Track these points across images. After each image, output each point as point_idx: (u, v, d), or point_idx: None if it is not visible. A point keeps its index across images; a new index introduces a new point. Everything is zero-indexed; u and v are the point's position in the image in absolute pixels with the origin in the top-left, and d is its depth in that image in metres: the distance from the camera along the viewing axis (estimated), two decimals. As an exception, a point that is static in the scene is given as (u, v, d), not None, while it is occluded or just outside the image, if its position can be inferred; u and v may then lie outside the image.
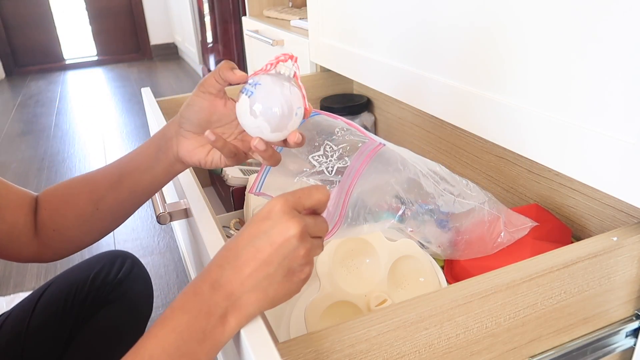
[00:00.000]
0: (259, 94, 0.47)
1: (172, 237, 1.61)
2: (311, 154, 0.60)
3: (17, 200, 0.54)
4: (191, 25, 3.30)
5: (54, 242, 0.56)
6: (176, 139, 0.53)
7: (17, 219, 0.54)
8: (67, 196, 0.55)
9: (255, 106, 0.47)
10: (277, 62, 0.48)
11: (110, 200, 0.55)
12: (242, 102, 0.48)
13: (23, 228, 0.54)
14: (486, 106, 0.65)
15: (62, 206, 0.55)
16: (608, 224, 0.64)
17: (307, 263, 0.39)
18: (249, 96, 0.47)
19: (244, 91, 0.48)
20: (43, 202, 0.56)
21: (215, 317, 0.37)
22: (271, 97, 0.47)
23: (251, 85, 0.47)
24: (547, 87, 0.56)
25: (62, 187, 0.56)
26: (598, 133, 0.51)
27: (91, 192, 0.55)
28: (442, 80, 0.72)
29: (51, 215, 0.55)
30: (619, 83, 0.48)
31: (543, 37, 0.55)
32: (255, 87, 0.47)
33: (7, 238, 0.53)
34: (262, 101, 0.47)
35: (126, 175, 0.55)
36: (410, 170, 0.57)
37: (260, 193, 0.57)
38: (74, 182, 0.56)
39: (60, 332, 0.73)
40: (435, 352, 0.45)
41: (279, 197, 0.39)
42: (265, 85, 0.47)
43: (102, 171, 0.56)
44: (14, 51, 3.98)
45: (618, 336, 0.56)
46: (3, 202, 0.53)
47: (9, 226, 0.53)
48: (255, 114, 0.47)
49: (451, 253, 0.64)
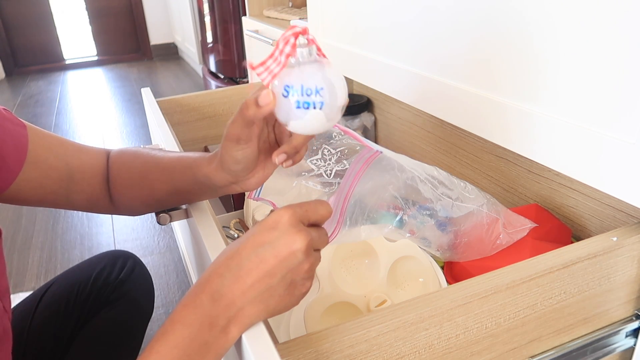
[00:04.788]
0: (300, 89, 0.40)
1: (172, 237, 1.61)
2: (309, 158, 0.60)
3: (91, 171, 0.56)
4: (191, 25, 3.30)
5: (129, 211, 0.60)
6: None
7: (94, 189, 0.57)
8: (141, 180, 0.56)
9: (303, 103, 0.41)
10: (292, 47, 0.40)
11: (184, 192, 0.54)
12: (285, 104, 0.41)
13: (100, 194, 0.57)
14: (486, 106, 0.65)
15: (136, 188, 0.56)
16: (608, 224, 0.64)
17: (309, 277, 0.39)
18: (290, 95, 0.41)
19: (284, 93, 0.41)
20: (115, 179, 0.57)
21: (218, 328, 0.37)
22: (317, 84, 0.40)
23: (289, 87, 0.41)
24: (547, 87, 0.56)
25: (135, 168, 0.56)
26: (598, 133, 0.51)
27: (166, 183, 0.54)
28: (442, 81, 0.72)
29: (123, 193, 0.57)
30: (619, 83, 0.48)
31: (542, 38, 0.55)
32: (292, 88, 0.40)
33: (89, 205, 0.58)
34: (310, 94, 0.40)
35: (195, 168, 0.52)
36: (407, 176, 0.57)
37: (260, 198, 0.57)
38: (148, 166, 0.56)
39: (61, 332, 0.73)
40: (435, 353, 0.45)
41: (286, 209, 0.39)
42: (301, 77, 0.40)
43: (176, 162, 0.53)
44: (14, 51, 3.98)
45: (618, 336, 0.56)
46: (79, 175, 0.55)
47: (88, 195, 0.57)
48: (305, 111, 0.41)
49: (450, 255, 0.64)
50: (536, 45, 0.56)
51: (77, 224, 1.74)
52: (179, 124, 1.16)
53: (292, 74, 0.40)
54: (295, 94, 0.40)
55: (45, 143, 0.54)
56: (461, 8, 0.66)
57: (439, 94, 0.74)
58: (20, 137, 0.51)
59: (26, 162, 0.51)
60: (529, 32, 0.57)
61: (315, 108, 0.40)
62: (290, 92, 0.40)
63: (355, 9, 0.92)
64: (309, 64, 0.41)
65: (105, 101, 3.18)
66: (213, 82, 2.53)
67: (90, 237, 1.66)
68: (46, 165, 0.53)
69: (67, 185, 0.55)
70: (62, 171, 0.54)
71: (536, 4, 0.55)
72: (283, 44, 0.40)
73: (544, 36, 0.55)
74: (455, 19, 0.67)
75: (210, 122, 1.20)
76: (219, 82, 2.47)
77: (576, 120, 0.53)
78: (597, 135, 0.51)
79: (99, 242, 1.62)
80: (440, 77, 0.73)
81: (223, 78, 2.46)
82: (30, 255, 1.57)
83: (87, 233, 1.68)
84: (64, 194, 0.55)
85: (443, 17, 0.69)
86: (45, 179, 0.53)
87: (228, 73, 2.36)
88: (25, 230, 1.72)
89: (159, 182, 0.54)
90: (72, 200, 0.56)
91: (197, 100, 1.16)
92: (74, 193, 0.56)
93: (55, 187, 0.54)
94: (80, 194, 0.56)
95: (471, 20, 0.64)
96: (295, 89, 0.40)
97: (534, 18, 0.56)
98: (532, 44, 0.57)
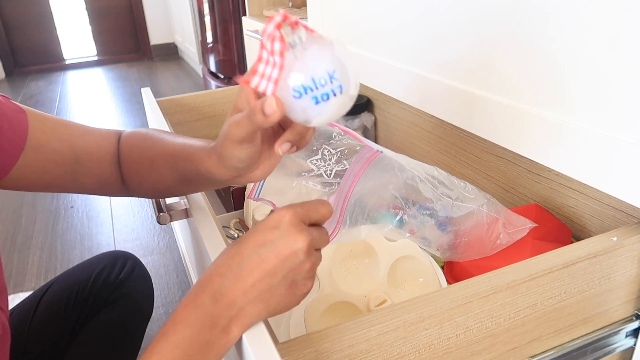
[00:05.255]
0: (312, 82, 0.35)
1: (172, 237, 1.61)
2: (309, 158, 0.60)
3: (98, 152, 0.55)
4: (191, 25, 3.30)
5: (141, 194, 0.58)
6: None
7: (103, 171, 0.55)
8: (150, 163, 0.53)
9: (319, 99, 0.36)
10: (281, 41, 0.35)
11: (190, 181, 0.51)
12: (299, 105, 0.36)
13: (110, 178, 0.56)
14: (486, 107, 0.65)
15: (145, 172, 0.54)
16: (608, 224, 0.64)
17: (310, 277, 0.39)
18: (303, 94, 0.36)
19: (295, 95, 0.36)
20: (125, 161, 0.56)
21: (219, 328, 0.37)
22: (325, 69, 0.35)
23: (299, 85, 0.35)
24: (548, 87, 0.56)
25: (144, 151, 0.54)
26: (598, 133, 0.51)
27: (172, 170, 0.51)
28: (443, 81, 0.72)
29: (134, 176, 0.55)
30: (619, 83, 0.48)
31: (542, 38, 0.55)
32: (302, 85, 0.35)
33: (99, 188, 0.56)
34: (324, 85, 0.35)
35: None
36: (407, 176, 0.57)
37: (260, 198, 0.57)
38: (155, 149, 0.53)
39: (61, 332, 0.74)
40: (435, 352, 0.45)
41: (288, 208, 0.38)
42: (306, 68, 0.35)
43: (180, 150, 0.50)
44: (14, 51, 3.98)
45: (618, 336, 0.56)
46: (86, 158, 0.54)
47: (97, 178, 0.55)
48: (326, 102, 0.36)
49: (450, 255, 0.64)
50: (537, 46, 0.56)
51: (77, 224, 1.74)
52: (179, 124, 1.16)
53: (294, 69, 0.35)
54: (309, 91, 0.35)
55: (48, 127, 0.53)
56: (462, 9, 0.66)
57: (440, 94, 0.73)
58: (20, 122, 0.50)
59: (27, 147, 0.50)
60: (529, 33, 0.57)
61: (335, 95, 0.36)
62: (302, 90, 0.35)
63: (356, 9, 0.92)
64: (307, 51, 0.35)
65: (105, 101, 3.18)
66: (213, 82, 2.53)
67: (90, 237, 1.66)
68: (49, 148, 0.52)
69: (73, 168, 0.53)
70: (67, 154, 0.53)
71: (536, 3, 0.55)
72: (270, 43, 0.35)
73: (544, 37, 0.55)
74: (455, 20, 0.67)
75: (210, 122, 1.20)
76: (219, 82, 2.47)
77: (576, 120, 0.53)
78: (597, 135, 0.51)
79: (99, 242, 1.62)
80: (441, 78, 0.73)
81: (223, 78, 2.46)
82: (30, 255, 1.57)
83: (87, 233, 1.68)
84: (72, 178, 0.54)
85: (444, 18, 0.69)
86: (50, 163, 0.52)
87: (228, 73, 2.37)
88: (25, 230, 1.72)
89: (166, 168, 0.51)
90: (82, 183, 0.55)
91: (197, 100, 1.16)
92: (82, 176, 0.54)
93: (60, 171, 0.53)
94: (89, 177, 0.55)
95: (472, 21, 0.64)
96: (307, 85, 0.35)
97: (533, 19, 0.56)
98: (532, 44, 0.57)
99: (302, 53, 0.35)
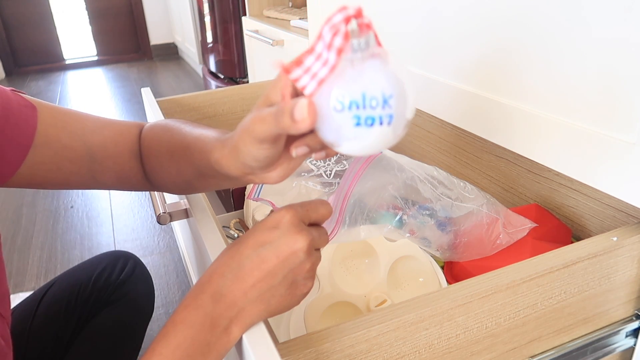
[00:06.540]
0: (362, 99, 0.29)
1: (172, 237, 1.61)
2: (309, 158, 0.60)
3: (115, 148, 0.52)
4: (191, 25, 3.30)
5: (163, 189, 0.55)
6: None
7: (122, 166, 0.53)
8: (170, 157, 0.50)
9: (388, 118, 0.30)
10: (345, 38, 0.29)
11: (207, 176, 0.47)
12: (335, 120, 0.30)
13: (129, 173, 0.54)
14: (487, 107, 0.65)
15: (165, 166, 0.51)
16: (608, 224, 0.64)
17: (310, 277, 0.39)
18: (345, 109, 0.29)
19: (336, 106, 0.30)
20: (146, 155, 0.53)
21: (220, 328, 0.37)
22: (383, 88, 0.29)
23: (344, 96, 0.29)
24: (548, 87, 0.56)
25: (164, 144, 0.51)
26: (598, 133, 0.51)
27: (190, 164, 0.48)
28: (443, 82, 0.72)
29: (154, 170, 0.53)
30: (619, 83, 0.48)
31: (541, 38, 0.55)
32: (349, 98, 0.29)
33: (120, 183, 0.54)
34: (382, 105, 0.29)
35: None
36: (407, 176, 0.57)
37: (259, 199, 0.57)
38: (174, 142, 0.50)
39: (62, 332, 0.74)
40: (435, 352, 0.45)
41: (288, 208, 0.38)
42: (360, 81, 0.29)
43: (195, 142, 0.47)
44: (14, 51, 3.98)
45: (618, 336, 0.56)
46: (101, 154, 0.52)
47: (116, 173, 0.53)
48: (368, 129, 0.30)
49: (450, 255, 0.64)
50: (537, 47, 0.56)
51: (77, 224, 1.74)
52: (179, 124, 1.16)
53: (345, 77, 0.29)
54: (354, 107, 0.29)
55: (59, 122, 0.50)
56: (463, 11, 0.66)
57: (440, 94, 0.74)
58: (27, 118, 0.48)
59: (36, 143, 0.48)
60: (530, 35, 0.57)
61: (382, 124, 0.29)
62: (346, 104, 0.29)
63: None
64: (367, 61, 0.29)
65: (105, 101, 3.18)
66: (213, 82, 2.53)
67: (90, 237, 1.66)
68: (59, 145, 0.49)
69: (89, 165, 0.51)
70: (80, 151, 0.50)
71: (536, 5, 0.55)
72: (331, 35, 0.29)
73: (545, 38, 0.55)
74: (456, 21, 0.67)
75: (210, 122, 1.20)
76: (219, 82, 2.47)
77: (576, 120, 0.53)
78: (597, 135, 0.51)
79: (99, 242, 1.62)
80: (441, 78, 0.73)
81: (223, 78, 2.46)
82: (30, 255, 1.57)
83: (87, 233, 1.68)
84: (88, 175, 0.52)
85: (445, 20, 0.69)
86: (62, 159, 0.50)
87: (228, 73, 2.37)
88: (25, 230, 1.72)
89: (184, 161, 0.48)
90: (100, 180, 0.53)
91: (197, 100, 1.16)
92: (99, 173, 0.52)
93: (74, 168, 0.51)
94: (108, 173, 0.52)
95: (473, 24, 0.64)
96: (353, 100, 0.29)
97: (533, 19, 0.56)
98: (532, 45, 0.57)
99: (361, 62, 0.30)
